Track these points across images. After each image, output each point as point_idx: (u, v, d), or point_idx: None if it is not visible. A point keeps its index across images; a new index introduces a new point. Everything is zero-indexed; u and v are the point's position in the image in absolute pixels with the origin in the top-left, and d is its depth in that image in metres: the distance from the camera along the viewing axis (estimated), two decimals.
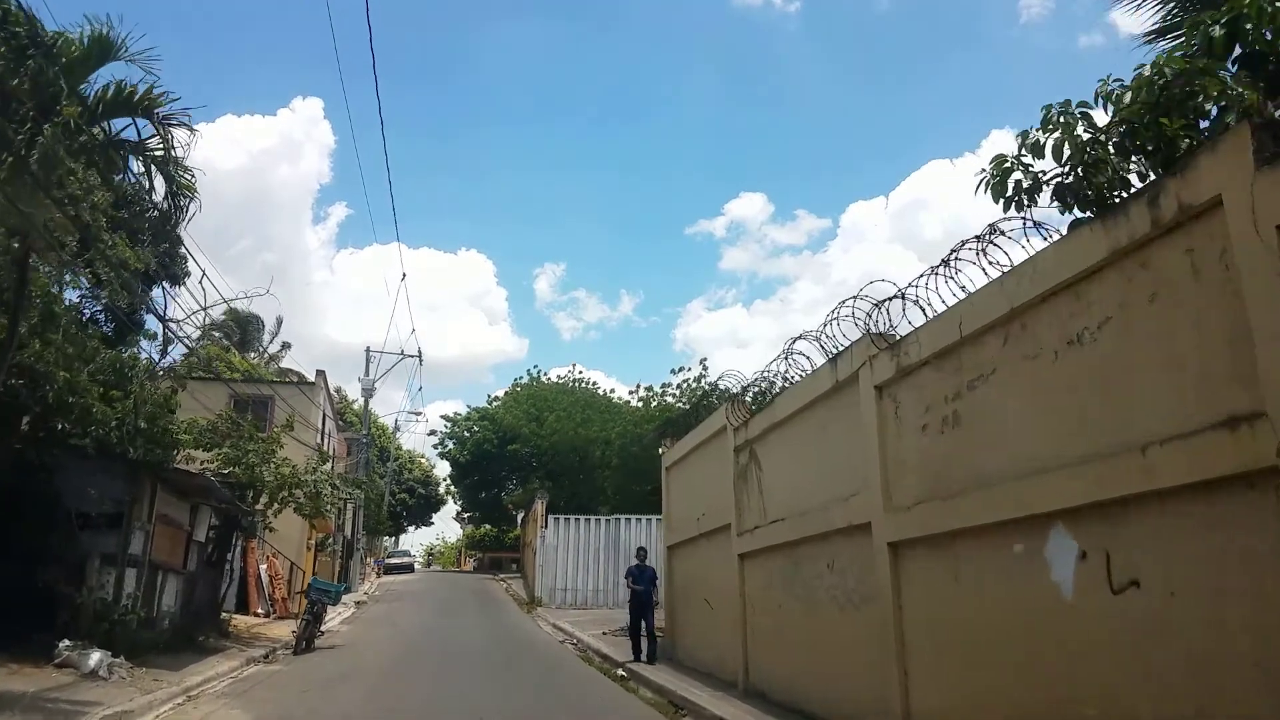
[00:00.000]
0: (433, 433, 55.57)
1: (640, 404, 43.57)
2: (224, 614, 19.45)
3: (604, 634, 18.43)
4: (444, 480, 63.75)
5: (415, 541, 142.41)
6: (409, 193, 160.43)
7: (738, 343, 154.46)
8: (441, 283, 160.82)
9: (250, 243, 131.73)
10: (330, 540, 31.83)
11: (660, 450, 15.01)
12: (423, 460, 68.23)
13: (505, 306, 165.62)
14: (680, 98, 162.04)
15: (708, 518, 11.85)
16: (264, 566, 22.11)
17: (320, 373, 25.44)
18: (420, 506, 67.30)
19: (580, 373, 48.71)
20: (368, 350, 38.26)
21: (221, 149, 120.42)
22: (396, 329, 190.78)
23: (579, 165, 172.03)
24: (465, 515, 69.46)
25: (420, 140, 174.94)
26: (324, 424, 25.80)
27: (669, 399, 42.85)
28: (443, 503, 68.84)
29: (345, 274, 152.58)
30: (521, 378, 50.27)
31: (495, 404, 51.94)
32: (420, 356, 39.26)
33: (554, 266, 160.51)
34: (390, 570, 53.42)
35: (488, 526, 64.34)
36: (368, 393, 37.41)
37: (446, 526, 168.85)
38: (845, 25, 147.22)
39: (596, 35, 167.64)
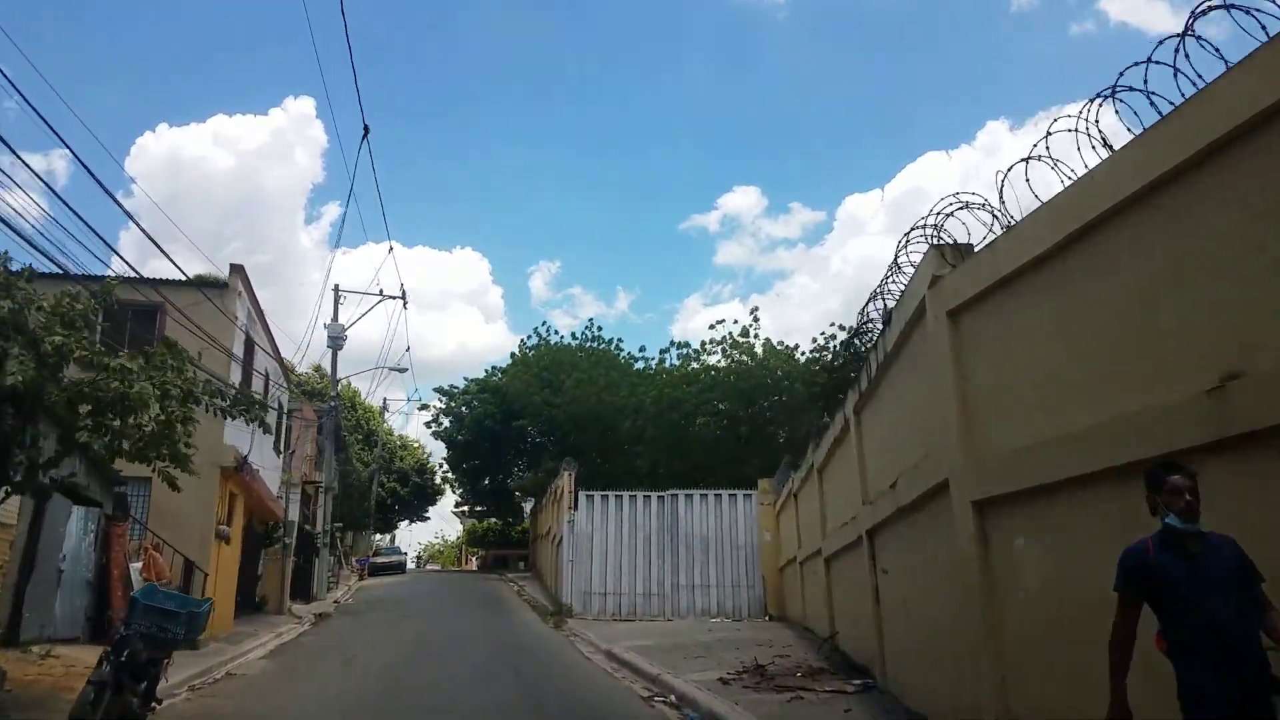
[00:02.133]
0: (424, 407, 46.70)
1: (678, 364, 34.92)
2: (36, 648, 10.97)
3: (723, 681, 9.91)
4: (439, 466, 54.93)
5: (413, 540, 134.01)
6: (401, 192, 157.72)
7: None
8: (437, 280, 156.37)
9: (243, 244, 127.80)
10: (278, 531, 23.28)
11: (918, 271, 6.44)
12: (416, 446, 59.58)
13: (501, 304, 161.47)
14: (668, 89, 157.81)
15: None
16: (138, 565, 13.62)
17: (236, 269, 16.61)
18: (414, 498, 58.24)
19: (599, 330, 39.71)
20: (335, 289, 29.80)
21: (213, 149, 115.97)
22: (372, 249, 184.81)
23: (570, 162, 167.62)
24: (465, 508, 60.57)
25: (412, 141, 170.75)
26: (249, 351, 17.24)
27: (711, 358, 34.30)
28: (439, 493, 59.96)
29: (340, 274, 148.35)
30: (529, 338, 41.31)
31: (498, 376, 43.20)
32: (404, 297, 30.66)
33: (549, 264, 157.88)
34: (377, 571, 44.39)
35: (492, 520, 55.60)
36: (335, 341, 28.86)
37: (445, 524, 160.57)
38: (837, 15, 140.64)
39: (584, 28, 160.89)
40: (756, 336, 32.86)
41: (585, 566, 21.35)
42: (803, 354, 32.96)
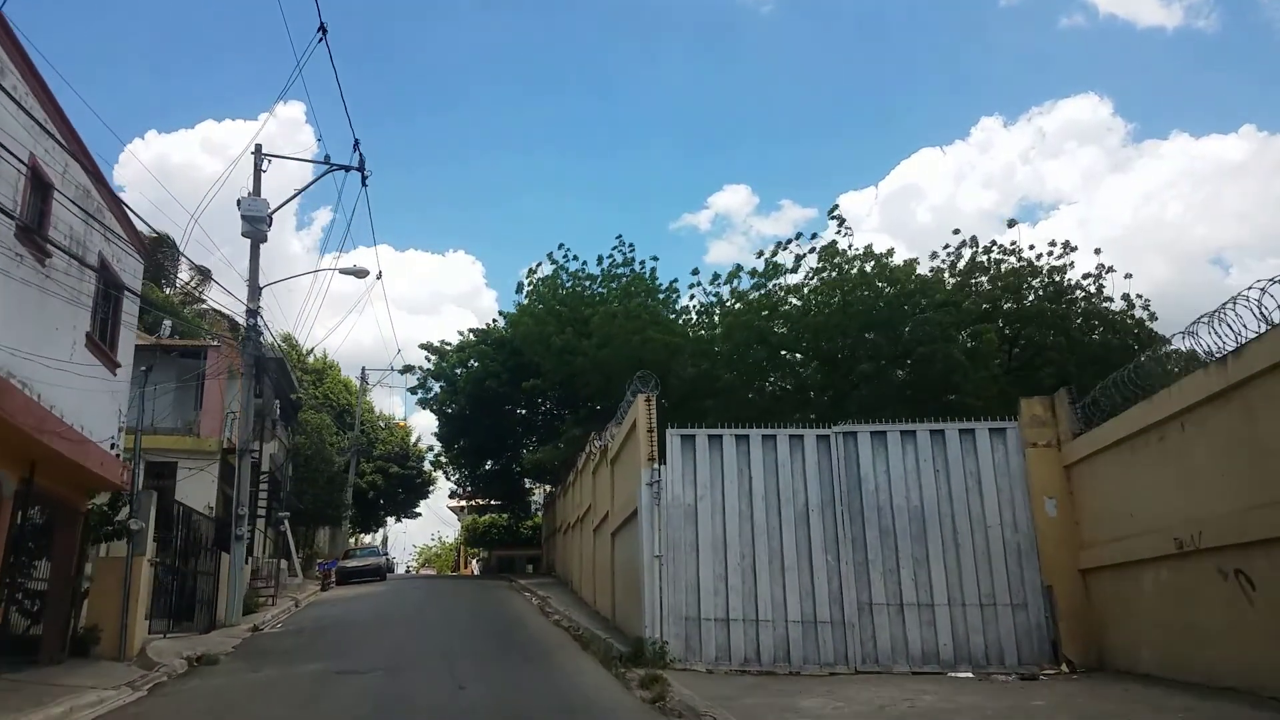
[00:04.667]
0: (407, 369, 36.39)
1: (756, 287, 24.29)
2: None
3: None
4: (429, 450, 44.27)
5: (407, 544, 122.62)
6: (392, 196, 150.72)
7: None
8: (429, 284, 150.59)
9: (231, 250, 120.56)
10: (130, 512, 13.01)
11: None
12: (400, 424, 49.19)
13: (495, 307, 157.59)
14: (656, 88, 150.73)
15: None
16: None
17: None
18: (398, 488, 47.19)
19: (631, 250, 28.17)
20: (257, 150, 19.52)
21: (201, 155, 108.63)
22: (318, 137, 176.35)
23: (561, 163, 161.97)
24: (462, 502, 50.12)
25: (401, 144, 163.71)
26: None
27: (793, 277, 23.81)
28: (430, 483, 49.17)
29: (330, 280, 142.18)
30: (539, 265, 30.33)
31: (504, 325, 32.68)
32: (363, 170, 20.26)
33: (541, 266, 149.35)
34: (348, 577, 33.66)
35: (496, 514, 45.28)
36: (254, 226, 18.65)
37: (444, 525, 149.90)
38: (823, 10, 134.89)
39: (573, 28, 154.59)
40: (850, 249, 22.41)
41: (685, 569, 11.14)
42: (931, 270, 22.67)
